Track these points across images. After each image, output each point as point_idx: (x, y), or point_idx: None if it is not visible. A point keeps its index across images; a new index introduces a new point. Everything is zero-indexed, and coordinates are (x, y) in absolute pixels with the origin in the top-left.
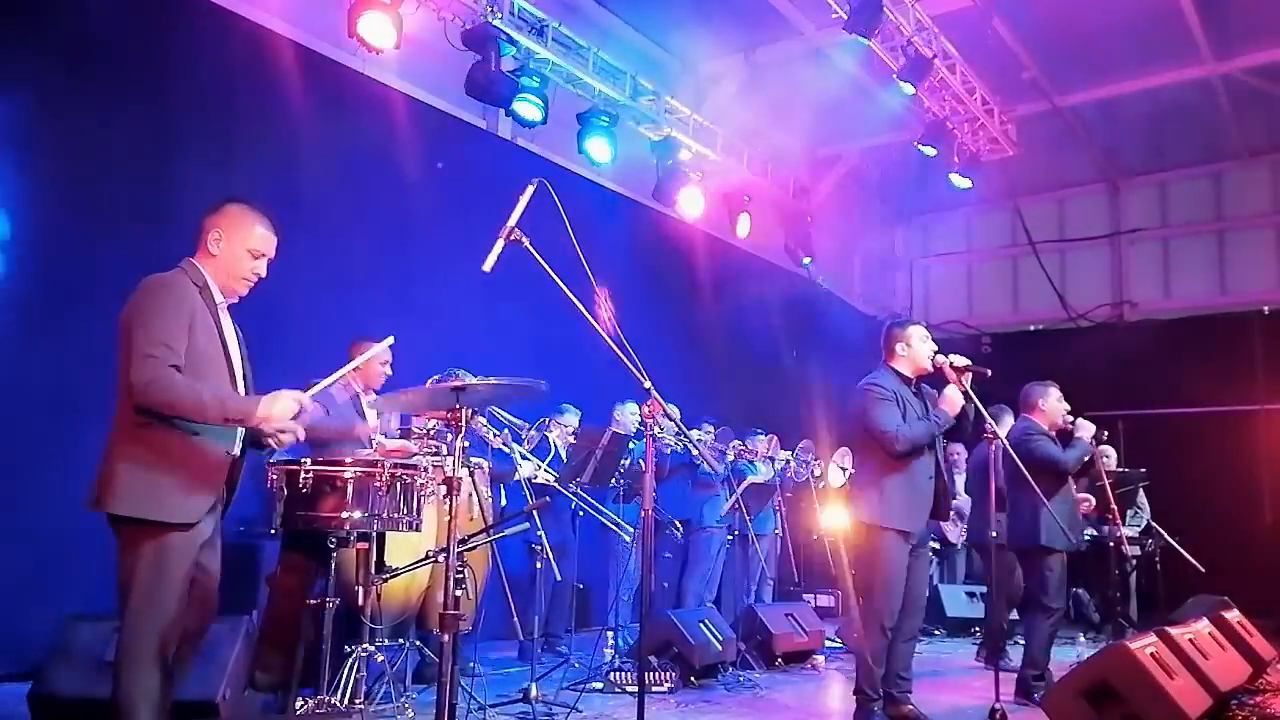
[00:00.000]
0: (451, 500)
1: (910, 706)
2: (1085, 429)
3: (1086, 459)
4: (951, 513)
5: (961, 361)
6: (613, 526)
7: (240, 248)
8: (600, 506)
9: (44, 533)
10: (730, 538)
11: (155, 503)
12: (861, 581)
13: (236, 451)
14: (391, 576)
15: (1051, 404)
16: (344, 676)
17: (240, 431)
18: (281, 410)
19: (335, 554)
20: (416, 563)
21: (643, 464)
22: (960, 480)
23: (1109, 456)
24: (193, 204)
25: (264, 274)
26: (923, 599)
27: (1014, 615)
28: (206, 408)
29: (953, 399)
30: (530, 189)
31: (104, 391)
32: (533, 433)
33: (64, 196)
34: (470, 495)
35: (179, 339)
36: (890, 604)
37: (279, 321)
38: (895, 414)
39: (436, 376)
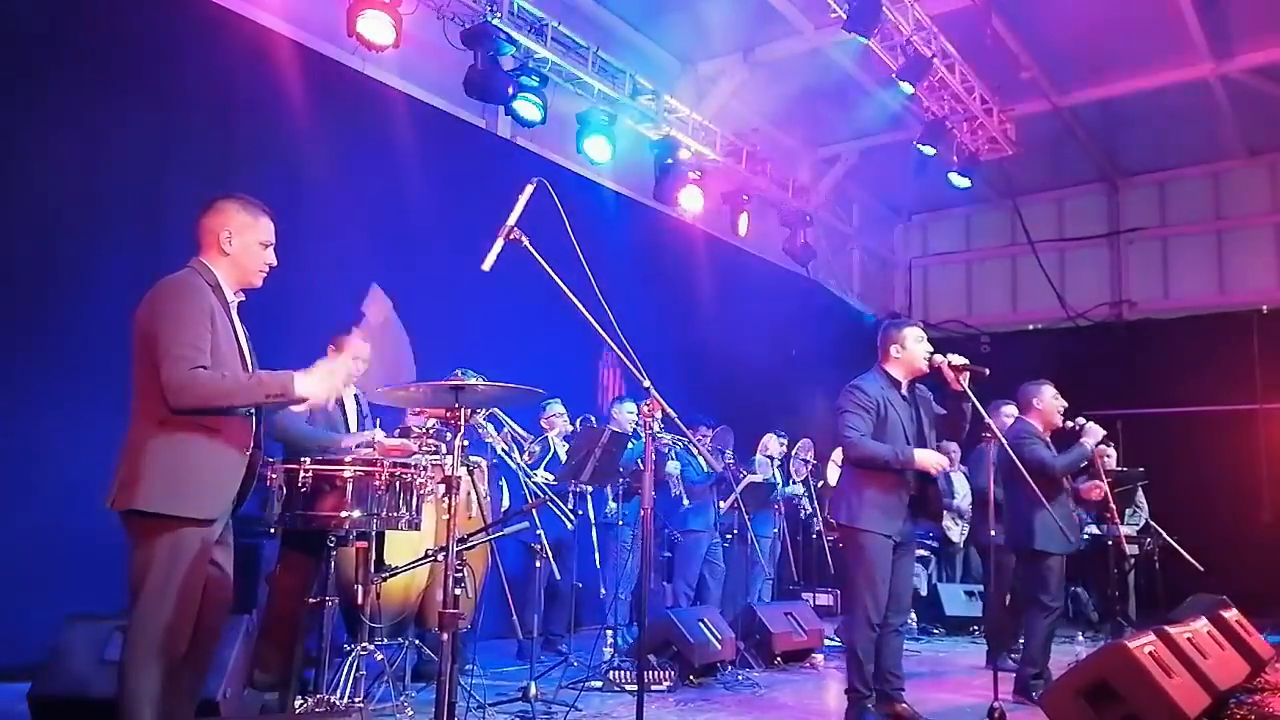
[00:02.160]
0: (450, 499)
1: (904, 705)
2: (1093, 434)
3: (1084, 463)
4: (950, 512)
5: (959, 360)
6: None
7: (252, 242)
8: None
9: (43, 532)
10: (729, 537)
11: (180, 498)
12: (847, 580)
13: (252, 446)
14: (391, 575)
15: (1047, 402)
16: (343, 675)
17: (255, 427)
18: (321, 382)
19: (334, 553)
20: (416, 562)
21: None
22: (957, 480)
23: (1108, 456)
24: (193, 204)
25: (275, 262)
26: (907, 596)
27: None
28: (246, 390)
29: (931, 462)
30: (529, 188)
31: (104, 390)
32: (534, 446)
33: (63, 196)
34: (469, 494)
35: (204, 338)
36: (876, 600)
37: (279, 321)
38: (862, 423)
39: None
